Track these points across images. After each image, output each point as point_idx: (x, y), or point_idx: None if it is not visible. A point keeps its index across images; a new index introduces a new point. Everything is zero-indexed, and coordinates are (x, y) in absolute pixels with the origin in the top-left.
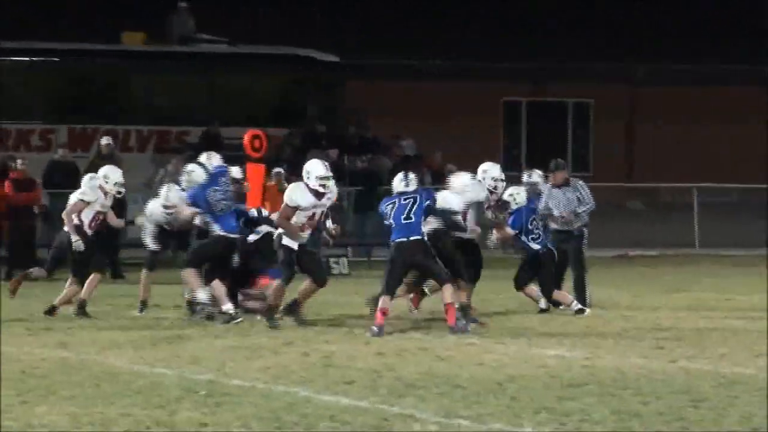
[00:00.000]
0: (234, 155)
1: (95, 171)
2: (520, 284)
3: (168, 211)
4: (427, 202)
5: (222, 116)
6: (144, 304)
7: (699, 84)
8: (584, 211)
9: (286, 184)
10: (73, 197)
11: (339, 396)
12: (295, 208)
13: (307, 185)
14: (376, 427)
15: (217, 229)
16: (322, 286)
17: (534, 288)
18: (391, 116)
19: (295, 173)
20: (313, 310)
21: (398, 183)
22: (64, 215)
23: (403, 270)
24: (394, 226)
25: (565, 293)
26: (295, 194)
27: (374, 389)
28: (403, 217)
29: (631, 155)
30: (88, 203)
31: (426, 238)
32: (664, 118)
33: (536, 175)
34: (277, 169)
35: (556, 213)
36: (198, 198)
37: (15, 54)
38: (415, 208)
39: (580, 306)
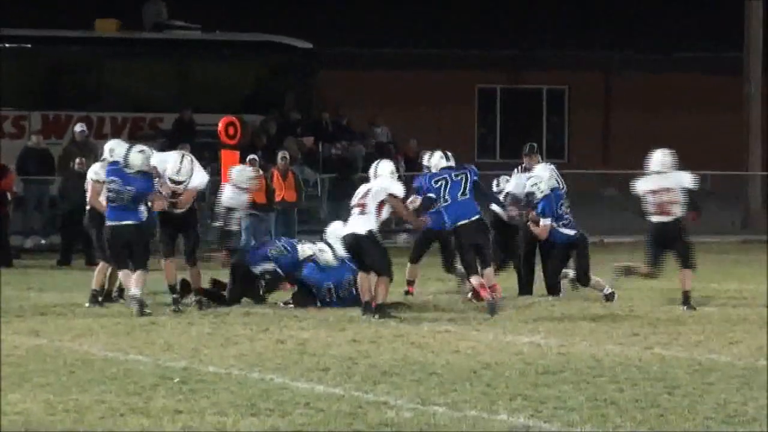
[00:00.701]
0: (209, 142)
1: (69, 158)
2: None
3: None
4: (475, 177)
5: (196, 103)
6: (121, 292)
7: (673, 71)
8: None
9: (261, 172)
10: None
11: (314, 383)
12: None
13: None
14: (351, 414)
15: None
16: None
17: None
18: (366, 104)
19: (270, 160)
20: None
21: (439, 160)
22: (91, 203)
23: (473, 249)
24: (449, 203)
25: (599, 279)
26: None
27: (349, 376)
28: (459, 193)
29: (607, 142)
30: (104, 182)
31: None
32: (638, 105)
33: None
34: (251, 156)
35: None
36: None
37: None
38: (469, 184)
39: (611, 290)
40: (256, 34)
